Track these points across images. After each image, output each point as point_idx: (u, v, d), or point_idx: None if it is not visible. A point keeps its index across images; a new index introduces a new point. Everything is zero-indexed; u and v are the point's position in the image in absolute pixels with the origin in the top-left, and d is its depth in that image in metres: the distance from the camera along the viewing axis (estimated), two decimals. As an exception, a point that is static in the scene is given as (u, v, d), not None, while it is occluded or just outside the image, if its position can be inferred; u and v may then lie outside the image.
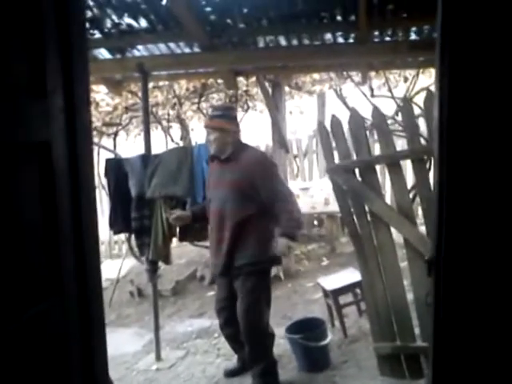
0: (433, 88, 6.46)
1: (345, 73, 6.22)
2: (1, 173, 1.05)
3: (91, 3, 3.63)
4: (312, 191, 7.25)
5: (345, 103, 6.18)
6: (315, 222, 7.97)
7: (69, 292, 1.31)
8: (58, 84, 1.26)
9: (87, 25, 3.76)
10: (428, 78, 7.32)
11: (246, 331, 3.26)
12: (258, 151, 3.55)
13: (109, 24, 4.01)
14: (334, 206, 7.10)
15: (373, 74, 6.38)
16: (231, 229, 3.20)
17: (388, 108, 6.49)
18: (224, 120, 3.29)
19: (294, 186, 6.13)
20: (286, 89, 6.81)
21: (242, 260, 3.21)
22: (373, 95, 6.37)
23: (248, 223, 3.20)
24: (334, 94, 7.92)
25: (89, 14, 3.72)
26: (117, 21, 3.97)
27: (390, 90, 6.38)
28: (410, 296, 3.33)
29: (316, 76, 7.00)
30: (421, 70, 6.47)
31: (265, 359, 3.32)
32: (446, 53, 1.24)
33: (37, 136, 1.17)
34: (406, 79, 7.44)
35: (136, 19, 3.92)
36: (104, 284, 4.93)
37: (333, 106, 9.69)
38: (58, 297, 1.25)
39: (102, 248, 7.89)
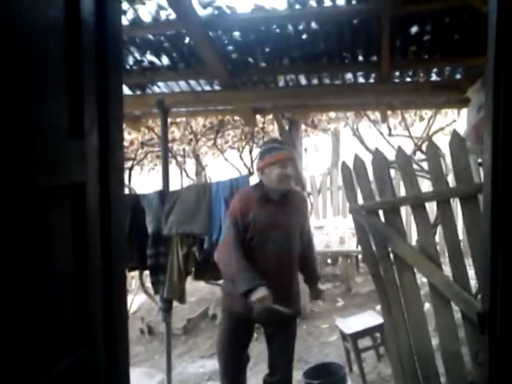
0: (450, 128, 6.44)
1: (362, 111, 6.22)
2: (36, 215, 1.01)
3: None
4: (327, 229, 7.17)
5: (362, 142, 6.16)
6: (329, 261, 7.86)
7: (97, 340, 1.24)
8: (95, 124, 1.24)
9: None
10: (444, 118, 7.33)
11: (284, 380, 3.14)
12: (297, 189, 3.46)
13: (131, 61, 4.06)
14: (349, 245, 7.03)
15: (389, 112, 6.37)
16: (289, 275, 3.07)
17: (405, 147, 6.47)
18: (290, 152, 3.20)
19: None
20: (302, 126, 6.81)
21: (293, 309, 3.03)
22: (390, 134, 6.35)
23: (295, 269, 3.14)
24: (348, 132, 7.92)
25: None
26: (139, 58, 4.00)
27: (407, 129, 6.36)
28: (434, 342, 3.20)
29: (332, 114, 7.01)
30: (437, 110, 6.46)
31: None
32: (500, 95, 1.20)
33: (74, 176, 1.14)
34: (421, 118, 7.45)
35: (158, 57, 3.96)
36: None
37: (347, 144, 9.72)
38: (87, 346, 1.19)
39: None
